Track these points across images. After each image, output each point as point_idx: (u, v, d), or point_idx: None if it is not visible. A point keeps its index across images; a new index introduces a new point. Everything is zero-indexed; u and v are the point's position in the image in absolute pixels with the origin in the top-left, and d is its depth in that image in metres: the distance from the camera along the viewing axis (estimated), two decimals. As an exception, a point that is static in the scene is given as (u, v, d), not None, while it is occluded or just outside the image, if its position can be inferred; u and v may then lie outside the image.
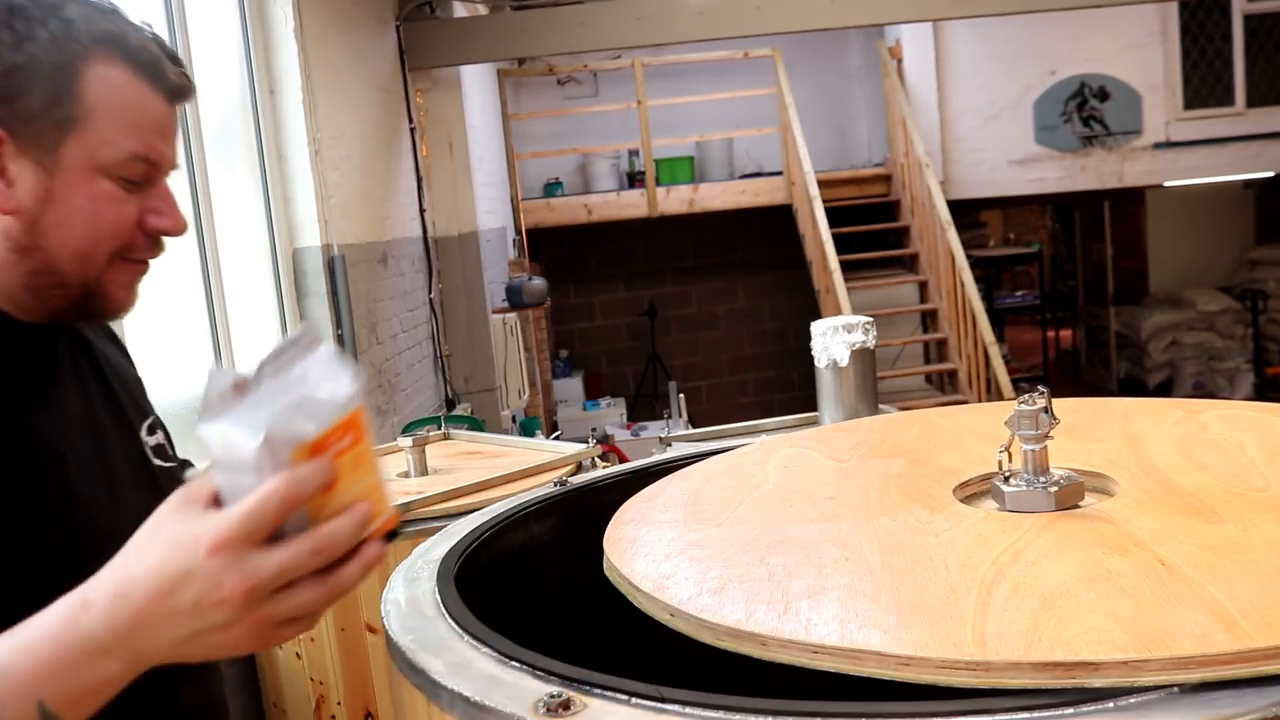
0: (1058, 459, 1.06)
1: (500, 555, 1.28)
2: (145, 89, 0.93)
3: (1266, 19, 8.46)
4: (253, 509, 0.68)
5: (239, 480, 0.68)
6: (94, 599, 0.71)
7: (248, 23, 3.60)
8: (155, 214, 0.95)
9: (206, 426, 0.69)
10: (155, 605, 0.69)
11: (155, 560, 0.70)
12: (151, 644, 0.70)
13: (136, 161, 0.93)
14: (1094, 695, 0.70)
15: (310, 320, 0.87)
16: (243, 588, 0.68)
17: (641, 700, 0.76)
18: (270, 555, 0.69)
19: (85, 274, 0.93)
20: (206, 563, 0.68)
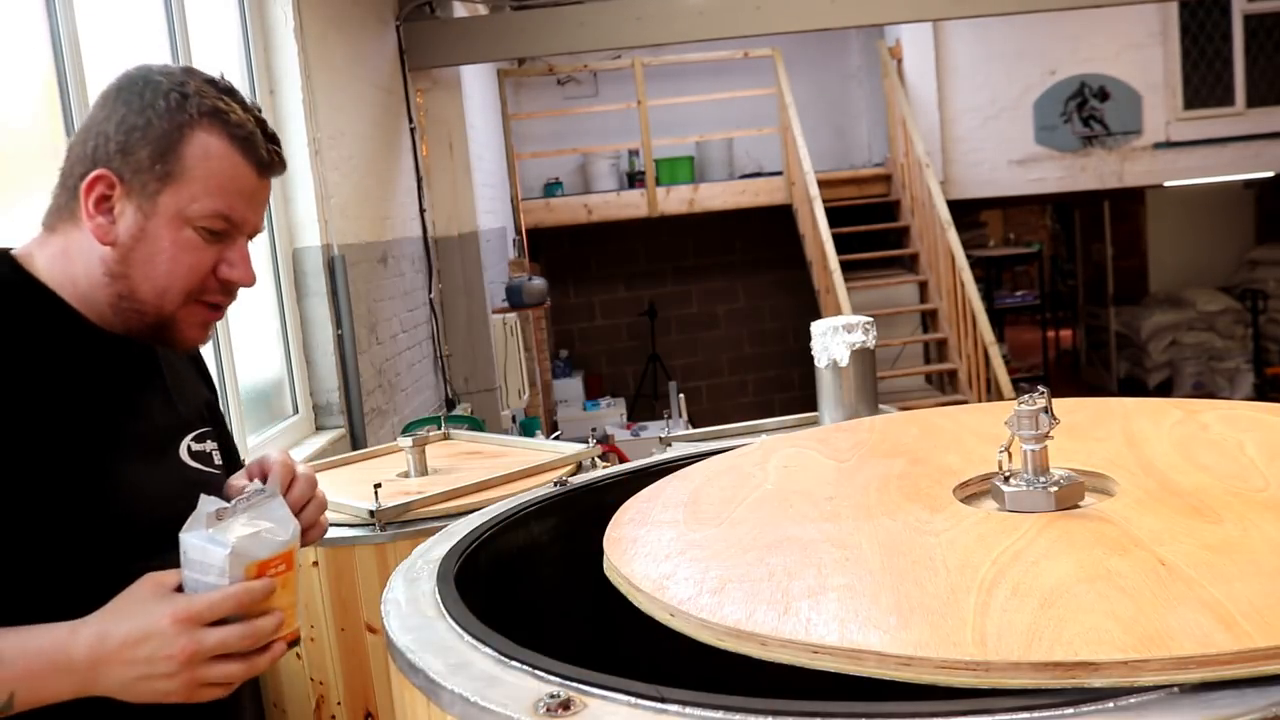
0: (1058, 459, 1.06)
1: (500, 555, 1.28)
2: (237, 159, 1.09)
3: (1266, 19, 8.46)
4: (214, 600, 0.95)
5: (203, 578, 0.96)
6: (80, 635, 0.95)
7: (248, 23, 3.60)
8: (229, 265, 1.11)
9: (187, 535, 0.96)
10: (123, 650, 0.95)
11: (132, 622, 0.95)
12: (107, 677, 0.95)
13: (218, 218, 1.08)
14: (1094, 695, 0.70)
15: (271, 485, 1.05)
16: (189, 650, 0.94)
17: (641, 700, 0.76)
18: (214, 632, 0.95)
19: (161, 306, 1.09)
20: (169, 628, 0.94)
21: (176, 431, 1.18)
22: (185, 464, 1.17)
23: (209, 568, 0.96)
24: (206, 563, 0.96)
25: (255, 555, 0.97)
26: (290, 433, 3.57)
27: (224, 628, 0.96)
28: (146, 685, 0.95)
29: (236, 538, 0.96)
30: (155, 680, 0.95)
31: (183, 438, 1.18)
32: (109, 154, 1.06)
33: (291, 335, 3.70)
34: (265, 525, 0.99)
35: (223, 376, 3.05)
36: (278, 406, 3.62)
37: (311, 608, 1.83)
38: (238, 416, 3.07)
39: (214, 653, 0.95)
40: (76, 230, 1.08)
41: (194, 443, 1.19)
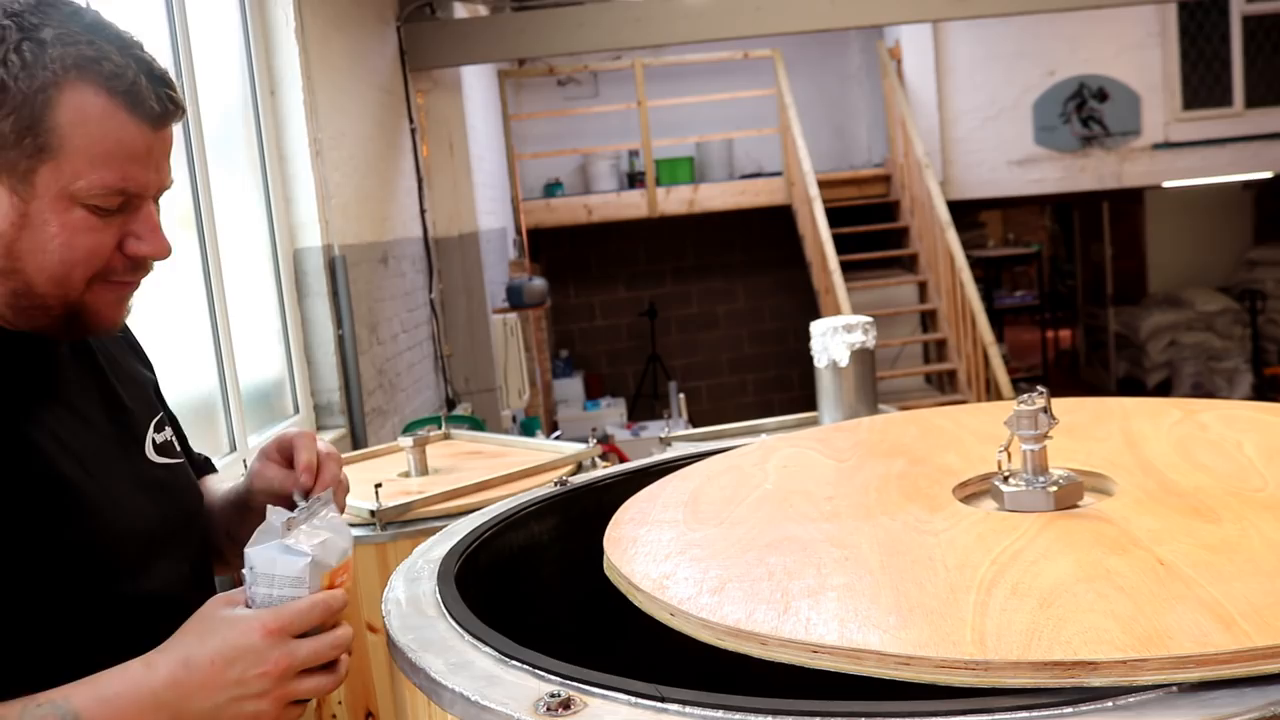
0: (1057, 459, 1.06)
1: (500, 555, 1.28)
2: (123, 117, 0.91)
3: (1265, 20, 8.47)
4: (302, 610, 0.90)
5: (278, 592, 0.92)
6: (159, 664, 0.88)
7: (248, 23, 3.60)
8: (135, 239, 0.95)
9: (255, 550, 0.92)
10: (213, 673, 0.87)
11: (218, 640, 0.88)
12: (198, 706, 0.87)
13: (111, 194, 0.92)
14: (1093, 694, 0.70)
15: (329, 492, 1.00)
16: (284, 663, 0.88)
17: (641, 700, 0.76)
18: (305, 643, 0.90)
19: (65, 296, 0.94)
20: (260, 641, 0.88)
21: (137, 429, 1.08)
22: (152, 462, 1.08)
23: (285, 580, 0.92)
24: (283, 575, 0.92)
25: (329, 564, 0.94)
26: (290, 433, 3.57)
27: (315, 638, 0.91)
28: (235, 709, 0.88)
29: (311, 547, 0.93)
30: (245, 702, 0.88)
31: (145, 434, 1.09)
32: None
33: (292, 335, 3.71)
34: (328, 533, 0.95)
35: (223, 376, 3.05)
36: (278, 406, 3.62)
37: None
38: (238, 416, 3.07)
39: (306, 665, 0.90)
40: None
41: (155, 434, 1.10)
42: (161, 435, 1.11)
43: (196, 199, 3.03)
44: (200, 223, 3.04)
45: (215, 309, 3.06)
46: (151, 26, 2.85)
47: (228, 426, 3.04)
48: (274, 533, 0.93)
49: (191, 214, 3.02)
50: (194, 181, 3.02)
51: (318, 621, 0.91)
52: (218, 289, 3.08)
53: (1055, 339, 12.17)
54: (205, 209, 3.06)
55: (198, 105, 3.06)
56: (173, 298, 2.89)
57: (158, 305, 2.68)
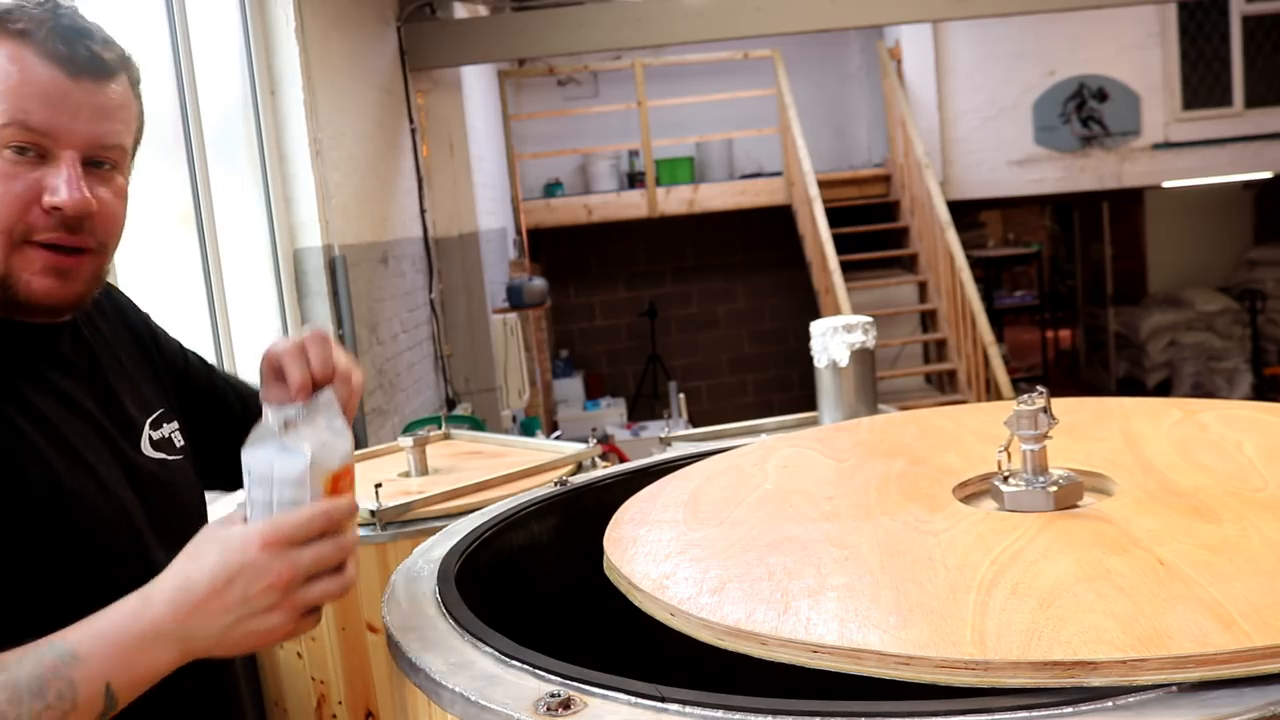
0: (1057, 459, 1.06)
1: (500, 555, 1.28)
2: (29, 59, 0.90)
3: (1265, 20, 8.47)
4: (302, 520, 0.85)
5: (278, 494, 0.87)
6: (155, 594, 0.84)
7: (249, 23, 3.60)
8: (50, 192, 0.91)
9: (252, 451, 0.88)
10: (214, 594, 0.83)
11: (214, 559, 0.84)
12: (205, 630, 0.84)
13: (15, 128, 0.89)
14: (1093, 694, 0.70)
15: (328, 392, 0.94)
16: (287, 572, 0.84)
17: (641, 700, 0.76)
18: (307, 549, 0.85)
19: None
20: (259, 555, 0.83)
21: (133, 423, 1.07)
22: (147, 457, 1.07)
23: (284, 482, 0.87)
24: (281, 477, 0.87)
25: (330, 465, 0.89)
26: (290, 433, 3.57)
27: (318, 544, 0.86)
28: (246, 628, 0.84)
29: (312, 447, 0.87)
30: (254, 619, 0.84)
31: (141, 429, 1.07)
32: None
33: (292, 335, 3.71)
34: (328, 435, 0.90)
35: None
36: (278, 406, 3.62)
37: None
38: (238, 416, 3.07)
39: (311, 572, 0.85)
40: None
41: (152, 430, 1.08)
42: (160, 432, 1.09)
43: (196, 199, 3.03)
44: (200, 223, 3.04)
45: (215, 309, 3.06)
46: (152, 26, 2.85)
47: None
48: (271, 434, 0.89)
49: (191, 214, 3.03)
50: (194, 181, 3.02)
51: (318, 532, 0.86)
52: (218, 289, 3.08)
53: (1055, 339, 12.17)
54: (205, 209, 3.06)
55: (198, 105, 3.06)
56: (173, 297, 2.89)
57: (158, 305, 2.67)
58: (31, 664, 0.80)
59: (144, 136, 1.06)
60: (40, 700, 0.79)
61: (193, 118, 3.02)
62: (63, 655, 0.81)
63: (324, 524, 0.86)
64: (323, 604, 0.88)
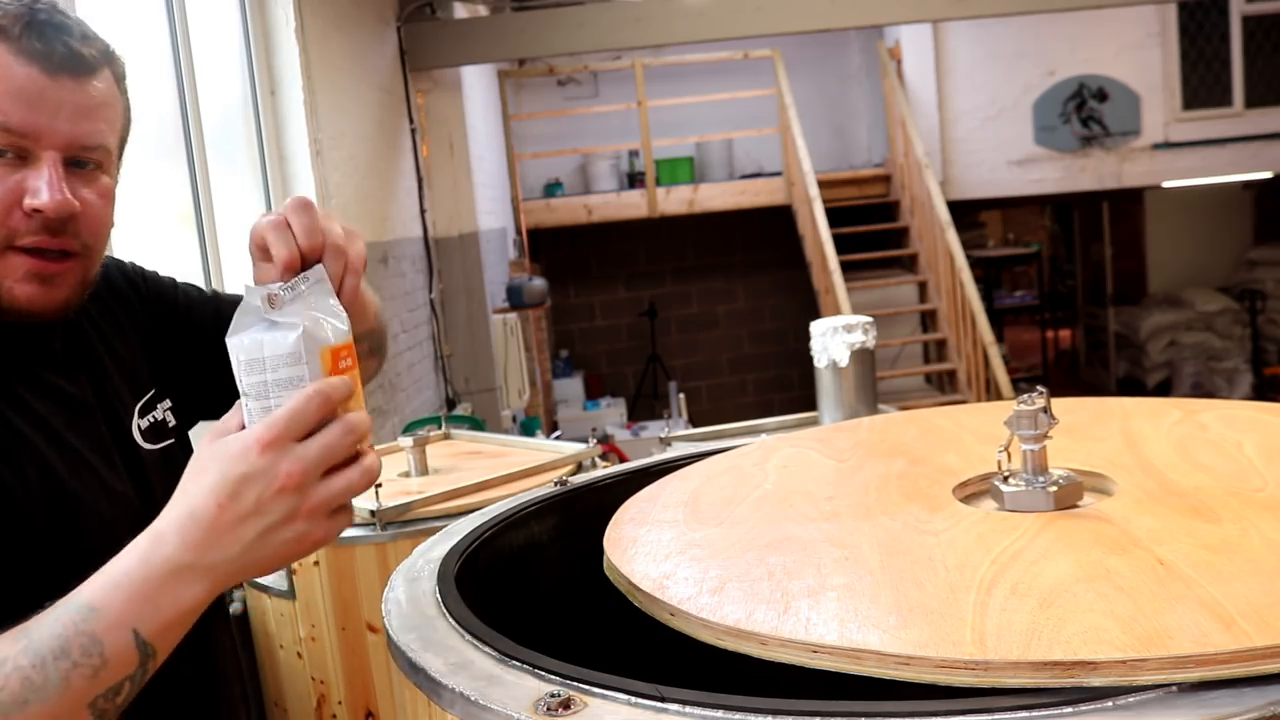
0: (1057, 459, 1.06)
1: (500, 555, 1.28)
2: (4, 58, 0.87)
3: (1265, 20, 8.47)
4: (296, 408, 0.76)
5: (273, 375, 0.78)
6: (164, 529, 0.77)
7: (249, 23, 3.60)
8: (31, 193, 0.89)
9: (237, 337, 0.79)
10: (223, 513, 0.76)
11: (213, 476, 0.77)
12: (226, 554, 0.77)
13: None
14: (1093, 694, 0.70)
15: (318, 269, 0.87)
16: (297, 470, 0.76)
17: (641, 700, 0.76)
18: (312, 441, 0.77)
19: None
20: (260, 459, 0.75)
21: (123, 415, 1.04)
22: (139, 448, 1.04)
23: (278, 360, 0.78)
24: (273, 355, 0.78)
25: (326, 338, 0.79)
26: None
27: (322, 432, 0.77)
28: (271, 542, 0.77)
29: (303, 319, 0.78)
30: (277, 531, 0.76)
31: (130, 420, 1.04)
32: None
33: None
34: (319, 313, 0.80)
35: (223, 377, 3.05)
36: (278, 407, 3.62)
37: (311, 607, 1.83)
38: (238, 416, 3.07)
39: (323, 464, 0.77)
40: None
41: (140, 419, 1.04)
42: (148, 418, 1.05)
43: (196, 199, 3.03)
44: (200, 223, 3.04)
45: (215, 309, 3.06)
46: (152, 26, 2.85)
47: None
48: (255, 313, 0.79)
49: (191, 214, 3.03)
50: (194, 181, 3.02)
51: (318, 416, 0.77)
52: (218, 289, 3.08)
53: (1055, 339, 12.17)
54: (205, 209, 3.06)
55: (198, 105, 3.06)
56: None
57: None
58: (50, 624, 0.76)
59: (134, 134, 1.03)
60: (65, 659, 0.74)
61: (193, 118, 3.02)
62: (80, 610, 0.76)
63: (322, 407, 0.77)
64: (348, 499, 0.80)
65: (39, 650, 0.74)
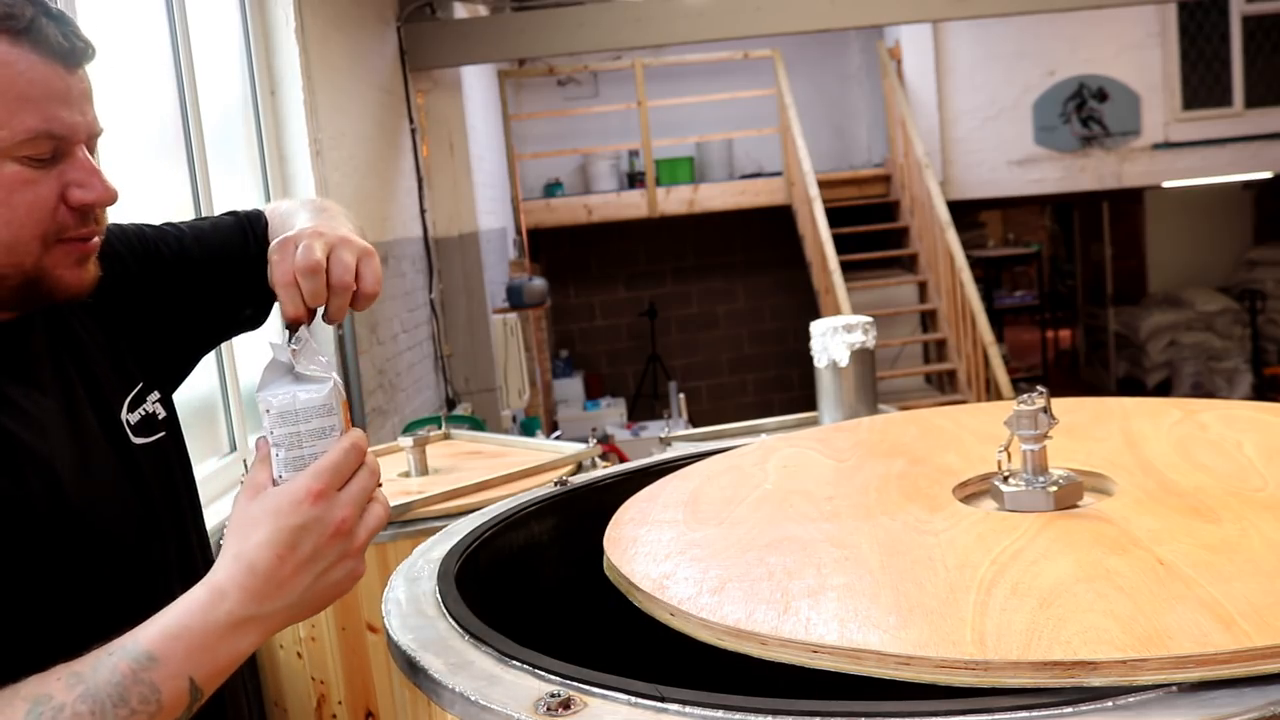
0: (1057, 459, 1.06)
1: (500, 555, 1.28)
2: (31, 58, 0.87)
3: (1265, 20, 8.47)
4: (338, 460, 0.84)
5: (305, 427, 0.86)
6: (224, 584, 0.82)
7: (249, 23, 3.60)
8: (77, 187, 0.90)
9: (271, 390, 0.87)
10: (283, 564, 0.82)
11: (268, 530, 0.82)
12: (286, 602, 0.83)
13: (40, 139, 0.87)
14: (1093, 694, 0.70)
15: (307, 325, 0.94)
16: (350, 516, 0.84)
17: (641, 700, 0.76)
18: (350, 486, 0.85)
19: (20, 264, 0.89)
20: (313, 510, 0.82)
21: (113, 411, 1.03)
22: (132, 444, 1.03)
23: (311, 411, 0.86)
24: (308, 408, 0.86)
25: (341, 390, 0.89)
26: (290, 433, 3.57)
27: (355, 478, 0.85)
28: (322, 585, 0.84)
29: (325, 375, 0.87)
30: (330, 573, 0.84)
31: (118, 414, 1.03)
32: None
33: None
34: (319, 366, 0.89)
35: (223, 376, 3.05)
36: (278, 406, 3.62)
37: (312, 607, 1.83)
38: (239, 416, 3.07)
39: (361, 506, 0.85)
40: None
41: (129, 414, 1.04)
42: (137, 414, 1.05)
43: (196, 199, 3.03)
44: (200, 223, 3.03)
45: (215, 309, 3.06)
46: (152, 27, 2.85)
47: (228, 426, 3.04)
48: (283, 368, 0.88)
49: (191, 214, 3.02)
50: (194, 181, 3.02)
51: (356, 464, 0.86)
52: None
53: (1055, 339, 12.17)
54: (205, 209, 3.06)
55: (198, 105, 3.06)
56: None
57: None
58: (107, 672, 0.78)
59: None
60: (124, 707, 0.77)
61: (193, 118, 3.02)
62: (139, 659, 0.79)
63: (358, 457, 0.86)
64: (378, 532, 0.88)
65: (97, 696, 0.77)
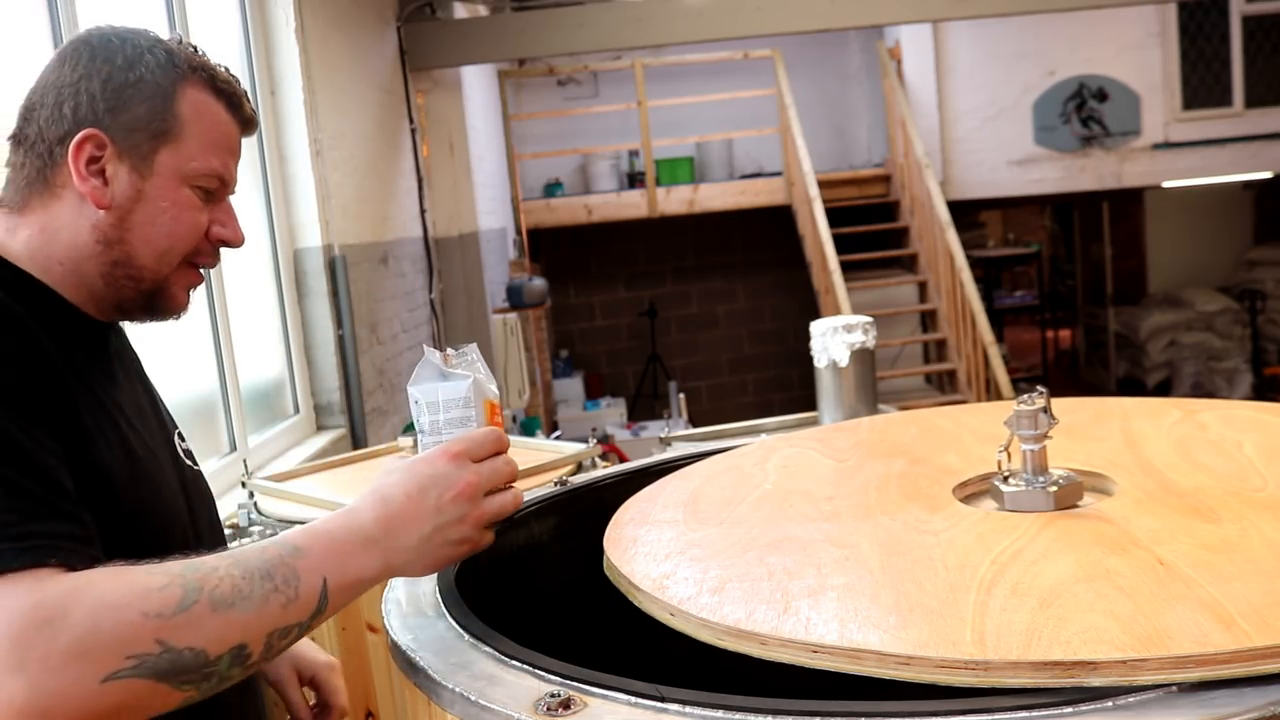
0: (1057, 459, 1.06)
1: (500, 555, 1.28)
2: (226, 115, 1.07)
3: (1265, 20, 8.47)
4: (479, 437, 0.97)
5: (444, 415, 0.99)
6: (360, 506, 0.93)
7: (249, 23, 3.60)
8: (220, 225, 1.08)
9: (420, 385, 1.01)
10: (409, 503, 0.92)
11: (403, 475, 0.94)
12: (405, 541, 0.92)
13: (213, 177, 1.06)
14: (1093, 694, 0.70)
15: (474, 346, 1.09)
16: (473, 481, 0.94)
17: (641, 700, 0.76)
18: (484, 463, 0.96)
19: (159, 270, 1.05)
20: (445, 466, 0.94)
21: (169, 427, 1.15)
22: (183, 462, 1.14)
23: (452, 403, 0.99)
24: (449, 399, 0.99)
25: (490, 390, 1.01)
26: (291, 433, 3.57)
27: (491, 459, 0.96)
28: (441, 538, 0.93)
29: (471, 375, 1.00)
30: (449, 529, 0.93)
31: (173, 434, 1.15)
32: (97, 113, 1.01)
33: (292, 335, 3.71)
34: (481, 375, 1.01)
35: (223, 376, 3.05)
36: (279, 406, 3.62)
37: (312, 607, 1.83)
38: (239, 416, 3.07)
39: (490, 485, 0.95)
40: (56, 202, 1.01)
41: (178, 439, 1.16)
42: (184, 445, 1.17)
43: (196, 199, 3.02)
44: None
45: (215, 309, 3.07)
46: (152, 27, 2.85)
47: (228, 427, 3.04)
48: (433, 368, 1.01)
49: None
50: (194, 181, 3.02)
51: (492, 450, 0.96)
52: (218, 289, 3.08)
53: (1055, 339, 12.17)
54: (205, 209, 3.06)
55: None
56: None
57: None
58: (258, 552, 0.87)
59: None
60: (269, 581, 0.85)
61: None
62: (286, 547, 0.88)
63: (495, 444, 0.97)
64: (502, 517, 0.97)
65: (249, 567, 0.86)
